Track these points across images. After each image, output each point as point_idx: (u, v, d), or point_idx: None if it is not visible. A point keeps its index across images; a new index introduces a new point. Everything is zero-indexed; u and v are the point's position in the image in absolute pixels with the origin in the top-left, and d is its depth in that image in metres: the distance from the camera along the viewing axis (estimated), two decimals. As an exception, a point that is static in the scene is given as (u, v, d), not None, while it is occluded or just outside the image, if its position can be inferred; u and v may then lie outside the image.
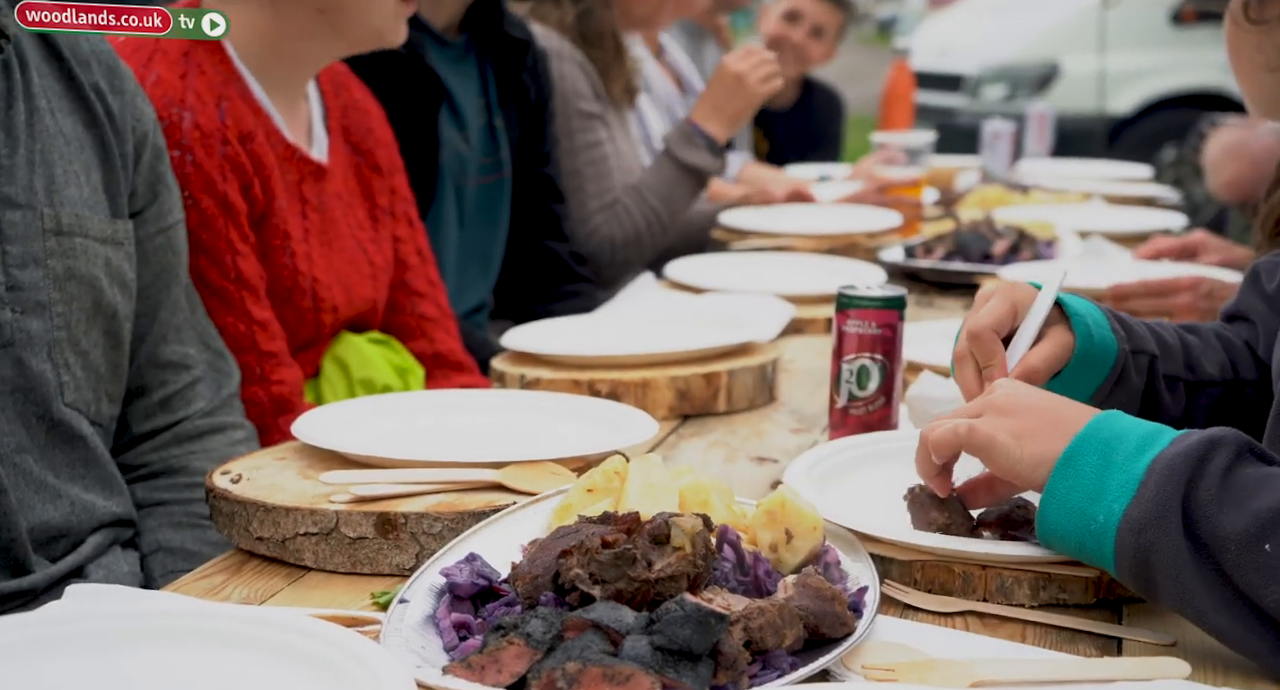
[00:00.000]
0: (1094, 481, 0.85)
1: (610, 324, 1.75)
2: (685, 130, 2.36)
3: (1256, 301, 1.16)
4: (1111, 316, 1.10)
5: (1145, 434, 0.86)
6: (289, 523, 1.02)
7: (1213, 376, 1.12)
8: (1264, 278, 1.17)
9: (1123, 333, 1.09)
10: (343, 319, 1.56)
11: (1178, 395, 1.11)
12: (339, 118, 1.60)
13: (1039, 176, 3.26)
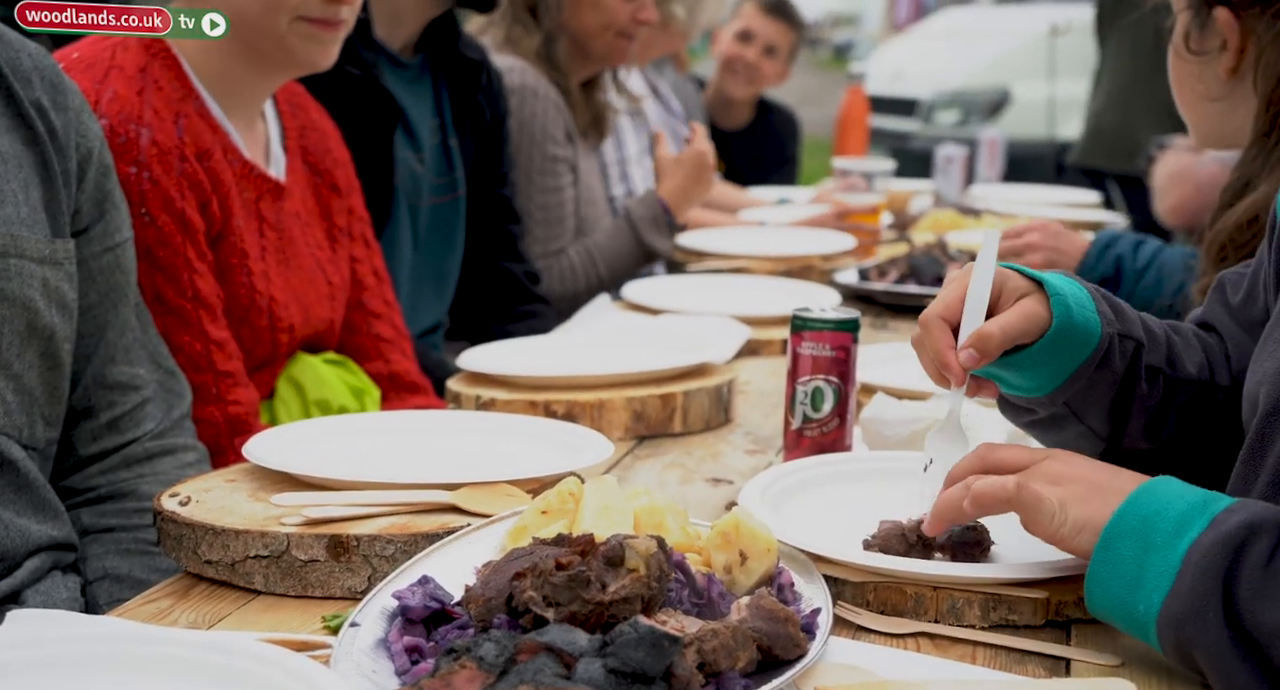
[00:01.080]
0: (1133, 568, 0.83)
1: (566, 345, 1.75)
2: (654, 211, 2.38)
3: (1223, 314, 1.14)
4: (1102, 299, 1.06)
5: (1184, 511, 0.83)
6: (239, 545, 1.01)
7: (1191, 375, 1.08)
8: (1229, 290, 1.15)
9: (1111, 315, 1.05)
10: (299, 339, 1.55)
11: (1156, 387, 1.07)
12: (297, 137, 1.59)
13: (991, 201, 3.31)
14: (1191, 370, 1.09)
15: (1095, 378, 1.04)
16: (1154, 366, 1.07)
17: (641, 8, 2.43)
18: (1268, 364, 0.96)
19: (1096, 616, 0.89)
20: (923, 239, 2.58)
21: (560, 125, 2.38)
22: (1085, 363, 1.03)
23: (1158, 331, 1.09)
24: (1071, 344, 1.02)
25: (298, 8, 1.41)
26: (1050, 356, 1.02)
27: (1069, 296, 1.02)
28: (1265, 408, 0.94)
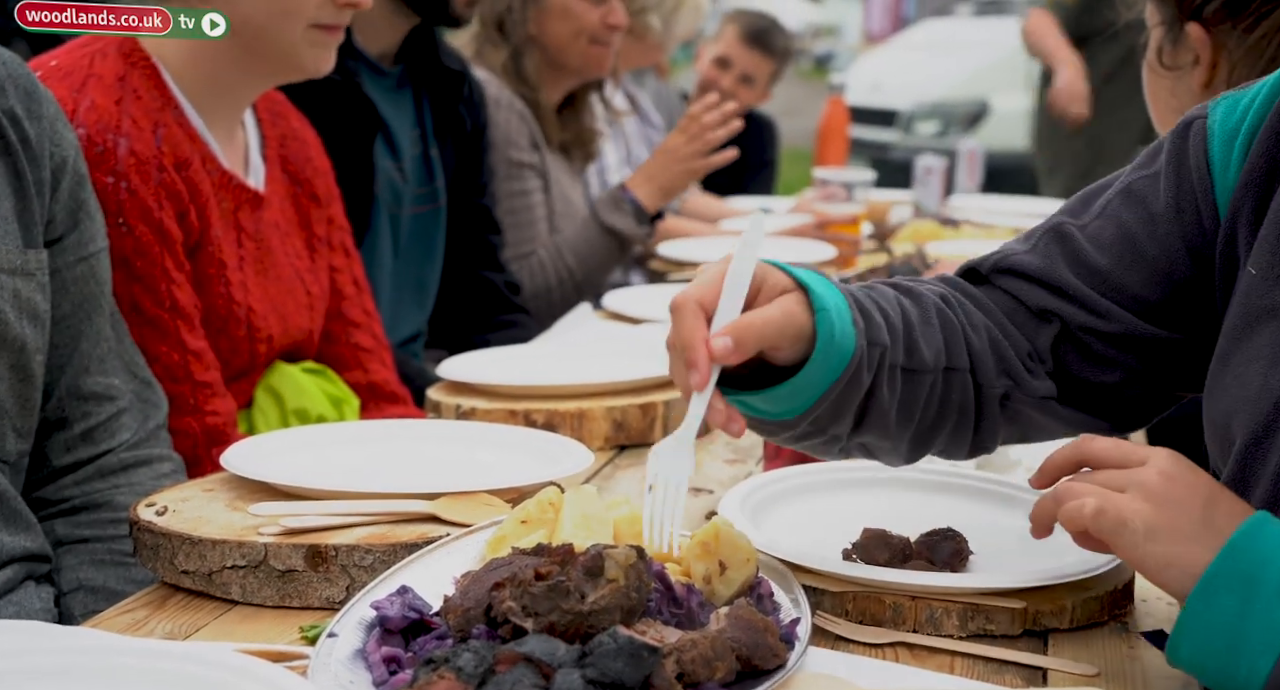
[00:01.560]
0: (1234, 624, 0.77)
1: (547, 354, 1.75)
2: (615, 194, 2.37)
3: (1069, 274, 1.00)
4: (854, 305, 0.94)
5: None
6: (216, 555, 1.00)
7: (928, 366, 0.97)
8: (1078, 245, 1.01)
9: (863, 323, 0.93)
10: (278, 349, 1.54)
11: (894, 384, 0.96)
12: (276, 146, 1.59)
13: (969, 211, 3.33)
14: (928, 359, 0.97)
15: (843, 394, 0.93)
16: (894, 364, 0.96)
17: (610, 11, 2.42)
18: (1236, 390, 0.92)
19: (1177, 667, 0.82)
20: (902, 249, 2.60)
21: (525, 133, 2.38)
22: (835, 382, 0.91)
23: (896, 322, 0.97)
24: (827, 365, 0.91)
25: (313, 15, 1.41)
26: (805, 382, 0.91)
27: (832, 311, 0.90)
28: (1245, 440, 0.90)
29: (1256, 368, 0.90)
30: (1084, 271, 1.01)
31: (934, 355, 0.98)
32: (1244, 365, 0.92)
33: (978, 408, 1.01)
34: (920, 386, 0.97)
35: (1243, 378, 0.91)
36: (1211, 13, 1.38)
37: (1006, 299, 1.04)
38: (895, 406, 0.97)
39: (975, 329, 1.02)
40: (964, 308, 1.03)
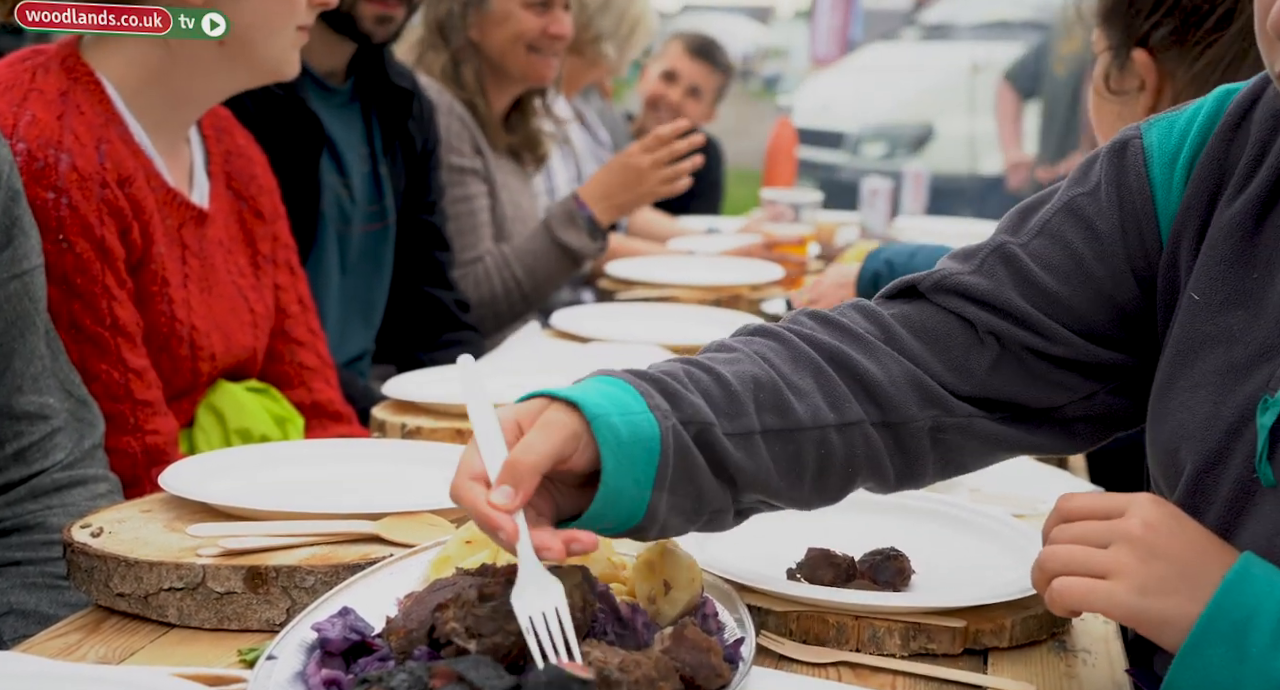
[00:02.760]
0: (1227, 680, 0.76)
1: (494, 372, 1.74)
2: (569, 208, 2.33)
3: (1015, 296, 0.98)
4: (649, 388, 0.88)
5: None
6: (152, 577, 0.98)
7: (803, 423, 0.92)
8: (1023, 265, 0.98)
9: (665, 406, 0.87)
10: (221, 367, 1.52)
11: (755, 450, 0.90)
12: (221, 163, 1.57)
13: (915, 233, 3.37)
14: (803, 418, 0.92)
15: (677, 477, 0.87)
16: (742, 432, 0.89)
17: (553, 21, 2.41)
18: (1183, 415, 0.92)
19: None
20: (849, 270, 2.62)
21: (466, 138, 2.37)
22: (657, 473, 0.85)
23: (740, 390, 0.91)
24: (634, 458, 0.84)
25: (300, 16, 1.41)
26: (620, 484, 0.84)
27: (613, 414, 0.84)
28: (1194, 468, 0.90)
29: (1203, 394, 0.90)
30: (1031, 293, 0.98)
31: (809, 412, 0.92)
32: (1189, 392, 0.92)
33: (899, 448, 0.96)
34: (799, 445, 0.92)
35: (1189, 404, 0.91)
36: (1158, 40, 1.42)
37: (945, 317, 1.00)
38: (774, 469, 0.91)
39: (886, 367, 0.96)
40: (866, 351, 0.97)
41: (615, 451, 0.84)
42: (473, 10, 2.39)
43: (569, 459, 0.84)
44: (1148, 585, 0.79)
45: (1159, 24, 1.40)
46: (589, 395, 0.86)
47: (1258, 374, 0.88)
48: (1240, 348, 0.89)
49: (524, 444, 0.83)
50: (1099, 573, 0.80)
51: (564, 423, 0.84)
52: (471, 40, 2.41)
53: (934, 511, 1.17)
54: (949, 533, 1.13)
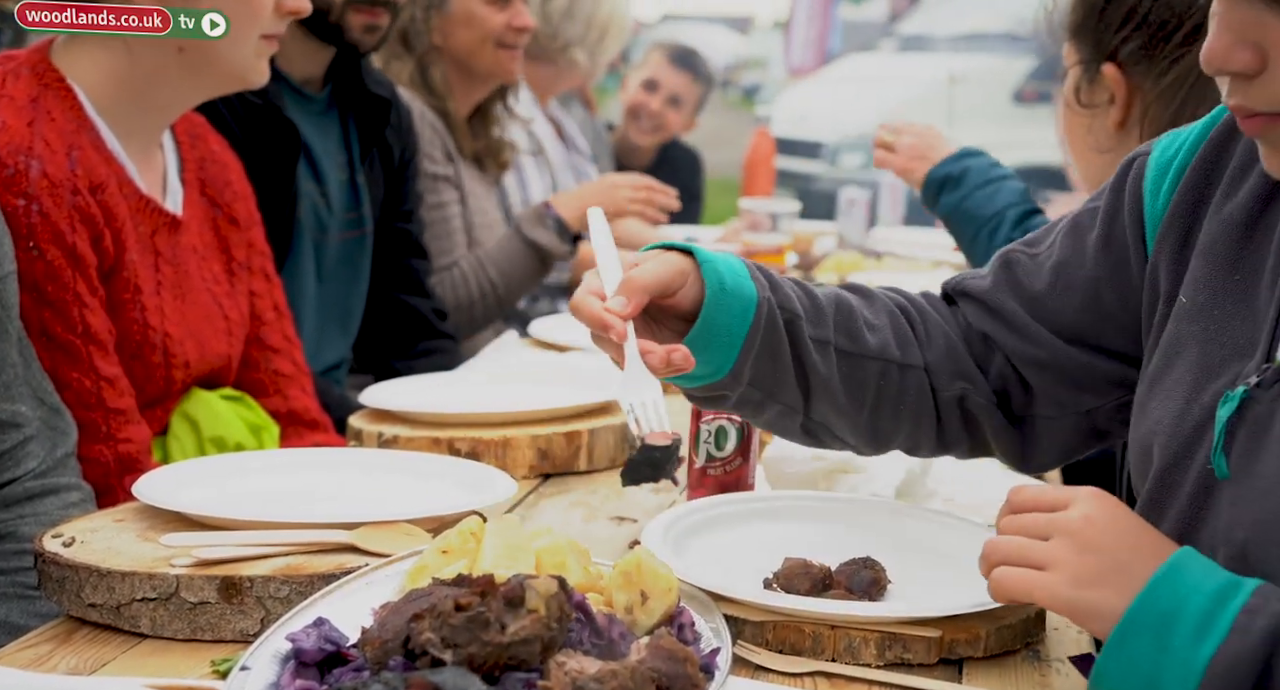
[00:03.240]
0: (1149, 668, 0.78)
1: (471, 382, 1.74)
2: (538, 210, 2.38)
3: (1010, 300, 1.07)
4: (754, 269, 1.02)
5: (1206, 606, 0.78)
6: (125, 588, 0.97)
7: (870, 350, 1.04)
8: (1022, 272, 1.07)
9: (766, 284, 1.01)
10: (195, 375, 1.51)
11: (829, 361, 1.03)
12: (195, 170, 1.56)
13: (892, 244, 3.39)
14: (871, 345, 1.05)
15: (764, 349, 1.00)
16: (820, 339, 1.03)
17: (515, 14, 2.42)
18: (1159, 412, 0.94)
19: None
20: (826, 280, 2.63)
21: (438, 144, 2.38)
22: (750, 331, 0.99)
23: (824, 305, 1.05)
24: (731, 310, 0.98)
25: (266, 24, 1.40)
26: (714, 325, 0.98)
27: (720, 264, 0.99)
28: (1162, 462, 0.92)
29: (1179, 392, 0.93)
30: (1022, 296, 1.07)
31: (879, 344, 1.05)
32: (1168, 390, 0.94)
33: (936, 408, 1.07)
34: (864, 371, 1.05)
35: (1166, 402, 0.94)
36: (1128, 54, 1.43)
37: (963, 320, 1.11)
38: (840, 386, 1.04)
39: (930, 335, 1.09)
40: (923, 315, 1.10)
41: (717, 294, 0.98)
42: (434, 14, 2.40)
43: (675, 292, 0.98)
44: (1081, 577, 0.82)
45: (1128, 38, 1.42)
46: (703, 250, 1.00)
47: (1228, 372, 0.90)
48: (1216, 347, 0.92)
49: (639, 268, 0.97)
50: (1037, 564, 0.84)
51: (677, 261, 0.98)
52: (435, 44, 2.41)
53: (910, 521, 1.17)
54: (925, 542, 1.13)
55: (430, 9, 2.39)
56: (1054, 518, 0.85)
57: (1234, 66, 0.81)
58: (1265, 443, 0.85)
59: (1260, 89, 0.81)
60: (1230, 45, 0.81)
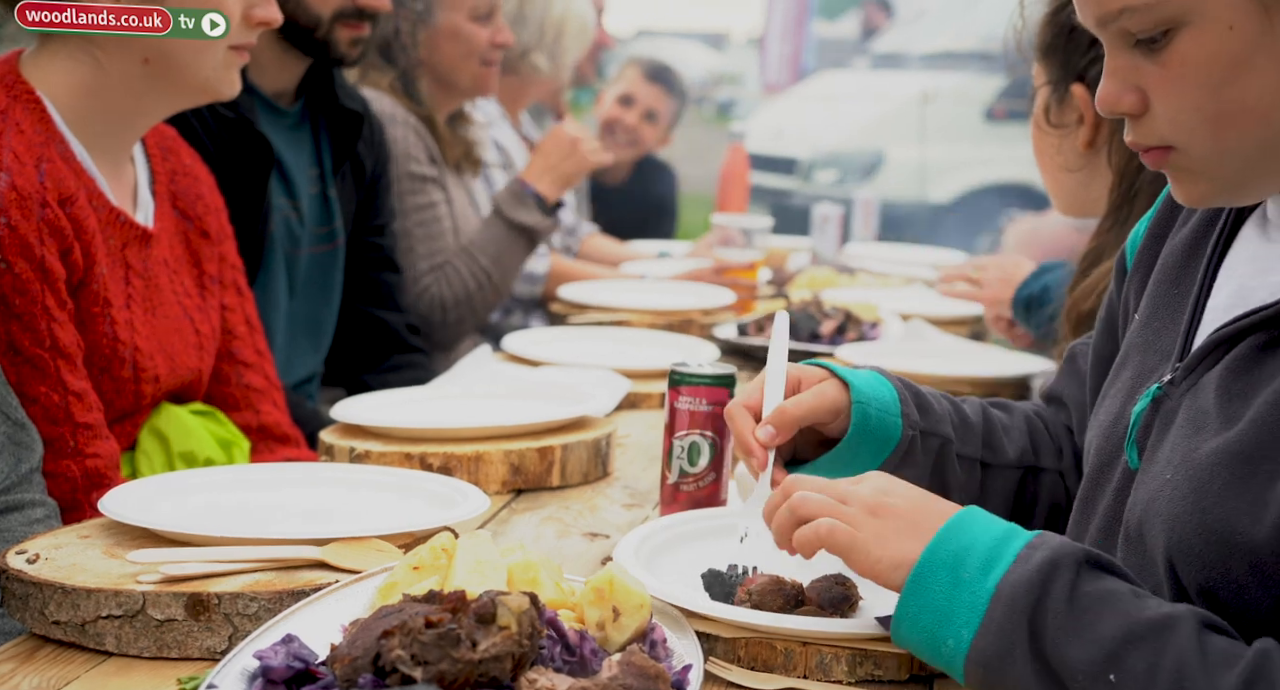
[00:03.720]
0: (943, 602, 0.84)
1: (444, 396, 1.73)
2: (515, 189, 2.40)
3: (1072, 385, 1.20)
4: (909, 397, 1.12)
5: (993, 545, 0.85)
6: (90, 605, 0.96)
7: (1010, 460, 1.15)
8: (1080, 360, 1.20)
9: (916, 415, 1.11)
10: (164, 389, 1.50)
11: (972, 476, 1.14)
12: (167, 183, 1.55)
13: (865, 260, 3.40)
14: (1011, 455, 1.15)
15: (900, 470, 1.07)
16: (968, 456, 1.13)
17: (497, 30, 2.45)
18: (1102, 417, 1.01)
19: (903, 647, 0.89)
20: (799, 296, 2.64)
21: (422, 148, 2.39)
22: (887, 460, 1.09)
23: (974, 419, 1.15)
24: (872, 443, 1.09)
25: (233, 35, 1.40)
26: (851, 456, 1.09)
27: (871, 400, 1.09)
28: (1096, 461, 0.99)
29: (1118, 399, 1.00)
30: (1080, 381, 1.17)
31: (1017, 451, 1.15)
32: (1111, 398, 1.02)
33: (1067, 499, 1.14)
34: (1004, 478, 1.14)
35: (1108, 406, 1.01)
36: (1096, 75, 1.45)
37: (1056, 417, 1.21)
38: (978, 492, 1.13)
39: (1061, 439, 1.18)
40: (1049, 422, 1.20)
41: (860, 433, 1.08)
42: (420, 28, 2.40)
43: (826, 424, 1.09)
44: (882, 535, 0.90)
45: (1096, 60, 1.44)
46: (861, 381, 1.10)
47: (1155, 375, 0.97)
48: (1151, 354, 0.98)
49: (797, 399, 1.08)
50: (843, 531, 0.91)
51: (834, 396, 1.09)
52: (419, 58, 2.42)
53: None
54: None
55: (417, 23, 2.40)
56: (846, 490, 0.93)
57: (1123, 108, 0.89)
58: (1168, 434, 0.91)
59: (1148, 126, 0.89)
60: (1118, 90, 0.89)
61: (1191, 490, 0.85)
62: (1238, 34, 0.83)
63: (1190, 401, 0.90)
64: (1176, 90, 0.86)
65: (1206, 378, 0.90)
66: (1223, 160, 0.87)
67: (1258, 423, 0.83)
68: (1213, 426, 0.87)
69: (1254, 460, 0.82)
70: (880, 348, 2.13)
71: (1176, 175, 0.91)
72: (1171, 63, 0.86)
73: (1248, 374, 0.87)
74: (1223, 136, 0.86)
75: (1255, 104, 0.84)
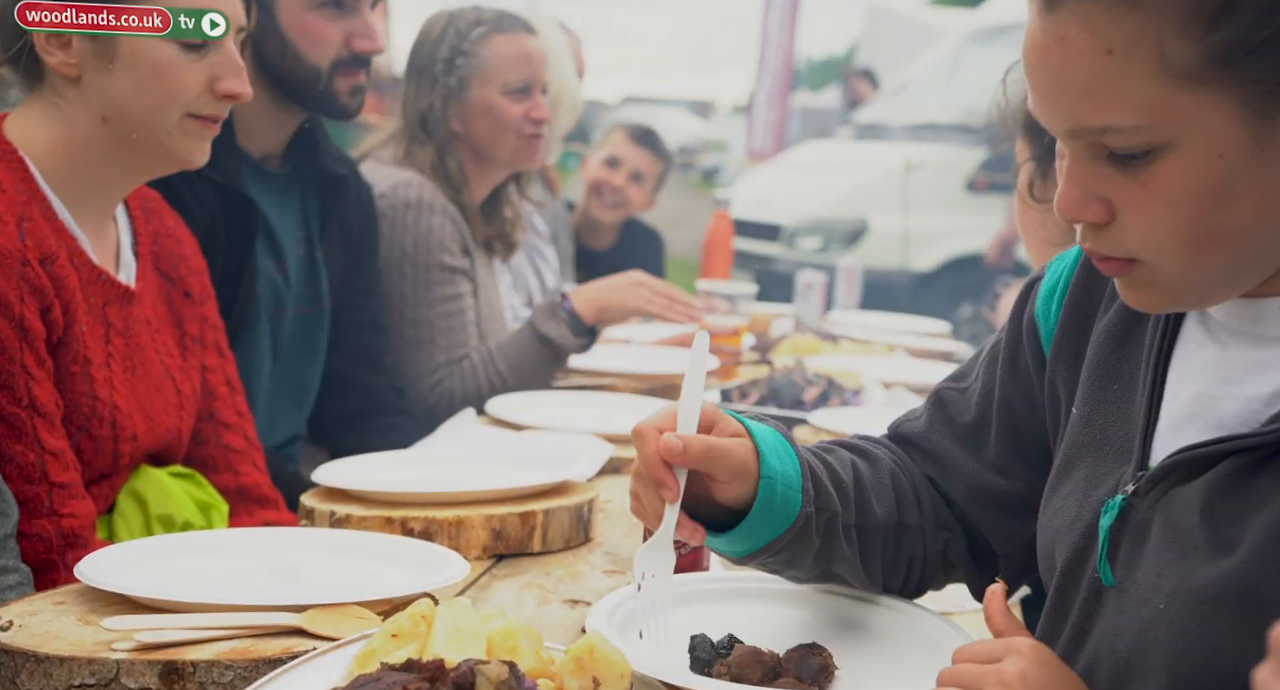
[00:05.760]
0: None
1: (426, 460, 1.72)
2: (553, 301, 2.36)
3: (945, 440, 1.12)
4: (807, 470, 1.04)
5: None
6: (62, 674, 0.95)
7: (879, 521, 1.08)
8: (953, 409, 1.12)
9: (813, 491, 1.03)
10: (143, 448, 1.49)
11: (852, 542, 1.07)
12: (149, 244, 1.56)
13: (848, 327, 3.43)
14: (880, 513, 1.08)
15: (791, 549, 1.04)
16: (850, 524, 1.07)
17: (534, 106, 2.42)
18: (1058, 520, 0.97)
19: None
20: (783, 362, 2.65)
21: (456, 238, 2.37)
22: (779, 537, 1.02)
23: (848, 483, 1.08)
24: (771, 520, 1.01)
25: (189, 105, 1.40)
26: (749, 531, 1.01)
27: (778, 475, 1.00)
28: (1061, 570, 0.95)
29: (1072, 502, 0.96)
30: (954, 431, 1.12)
31: (885, 512, 1.09)
32: (1065, 498, 0.98)
33: (924, 560, 1.12)
34: (876, 538, 1.08)
35: (1063, 510, 0.97)
36: None
37: (911, 464, 1.15)
38: (858, 556, 1.07)
39: (920, 491, 1.12)
40: (909, 471, 1.14)
41: (761, 511, 1.00)
42: (453, 103, 2.41)
43: (723, 484, 0.99)
44: None
45: None
46: (772, 452, 1.01)
47: (1110, 479, 0.93)
48: (1103, 456, 0.95)
49: (710, 440, 0.98)
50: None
51: (743, 459, 0.99)
52: (454, 131, 2.42)
53: (859, 606, 1.17)
54: (875, 628, 1.13)
55: (449, 98, 2.40)
56: (986, 670, 0.85)
57: (1086, 218, 0.85)
58: (1144, 551, 0.88)
59: (1112, 237, 0.84)
60: (1081, 199, 0.84)
61: (1195, 625, 0.82)
62: (1226, 162, 0.79)
63: (1163, 516, 0.87)
64: (1154, 211, 0.82)
65: (1180, 493, 0.87)
66: (1189, 279, 0.84)
67: (1260, 556, 0.80)
68: (1203, 551, 0.83)
69: (1261, 594, 0.79)
70: (863, 414, 2.13)
71: (1134, 285, 0.87)
72: (1153, 183, 0.81)
73: (1235, 497, 0.83)
74: (1196, 259, 0.83)
75: (1233, 229, 0.81)
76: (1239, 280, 0.85)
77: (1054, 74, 0.81)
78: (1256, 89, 0.78)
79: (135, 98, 1.38)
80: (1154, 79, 0.78)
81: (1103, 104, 0.80)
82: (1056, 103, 0.82)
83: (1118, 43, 0.78)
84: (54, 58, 1.36)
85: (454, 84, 2.40)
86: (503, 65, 2.40)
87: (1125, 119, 0.79)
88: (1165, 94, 0.78)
